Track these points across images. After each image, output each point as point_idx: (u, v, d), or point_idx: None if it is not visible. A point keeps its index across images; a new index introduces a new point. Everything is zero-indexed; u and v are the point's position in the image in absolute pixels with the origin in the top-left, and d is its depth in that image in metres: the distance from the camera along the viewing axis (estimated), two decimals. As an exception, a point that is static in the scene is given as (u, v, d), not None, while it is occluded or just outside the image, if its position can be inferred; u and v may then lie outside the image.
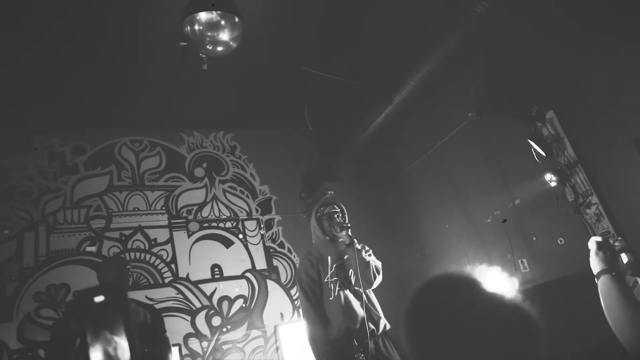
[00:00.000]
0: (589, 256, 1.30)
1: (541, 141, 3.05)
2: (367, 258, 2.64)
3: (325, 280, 2.65)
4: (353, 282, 2.66)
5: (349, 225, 2.70)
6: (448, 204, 4.25)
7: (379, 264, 2.71)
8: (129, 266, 3.10)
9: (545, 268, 3.25)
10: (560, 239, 3.12)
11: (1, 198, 4.09)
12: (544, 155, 3.05)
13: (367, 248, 2.78)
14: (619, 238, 1.38)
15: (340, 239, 2.73)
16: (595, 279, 1.23)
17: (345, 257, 2.70)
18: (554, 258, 3.15)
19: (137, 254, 4.37)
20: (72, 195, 4.36)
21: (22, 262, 3.93)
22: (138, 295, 4.19)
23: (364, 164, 5.24)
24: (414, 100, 4.27)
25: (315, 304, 2.66)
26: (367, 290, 2.67)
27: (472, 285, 0.42)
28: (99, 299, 0.58)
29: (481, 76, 3.67)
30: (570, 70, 3.08)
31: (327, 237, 2.75)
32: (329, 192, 4.98)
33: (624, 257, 1.31)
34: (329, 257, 2.72)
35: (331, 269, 2.68)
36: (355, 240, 2.68)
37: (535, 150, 3.06)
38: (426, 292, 0.44)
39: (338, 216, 2.76)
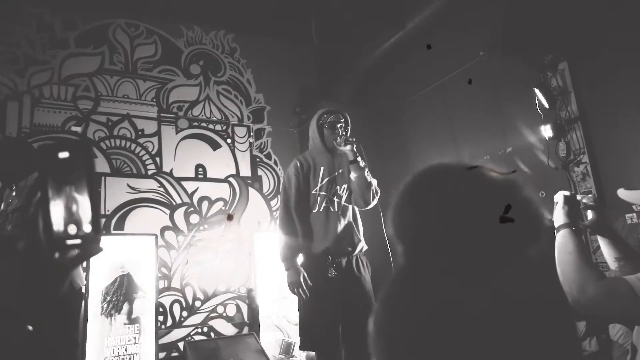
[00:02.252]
0: None
1: (547, 92, 2.97)
2: (369, 178, 2.49)
3: (314, 191, 2.57)
4: (344, 198, 2.55)
5: (354, 140, 2.49)
6: (441, 141, 4.22)
7: (375, 182, 2.56)
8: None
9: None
10: (542, 192, 3.16)
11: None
12: (547, 106, 2.98)
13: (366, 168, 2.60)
14: (589, 195, 1.37)
15: (340, 152, 2.56)
16: (555, 232, 1.22)
17: (340, 171, 2.56)
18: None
19: (123, 142, 4.33)
20: (60, 71, 4.19)
21: (5, 131, 3.87)
22: (120, 182, 4.22)
23: (363, 88, 5.10)
24: (427, 31, 4.06)
25: (293, 211, 2.59)
26: (355, 211, 2.59)
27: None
28: (64, 154, 0.54)
29: (499, 15, 3.47)
30: (592, 23, 2.93)
31: (325, 147, 2.58)
32: (324, 111, 4.89)
33: (589, 215, 1.31)
34: (322, 168, 2.59)
35: (322, 181, 2.57)
36: (359, 157, 2.48)
37: (539, 99, 2.99)
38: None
39: (341, 127, 2.56)
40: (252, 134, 5.09)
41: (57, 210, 0.53)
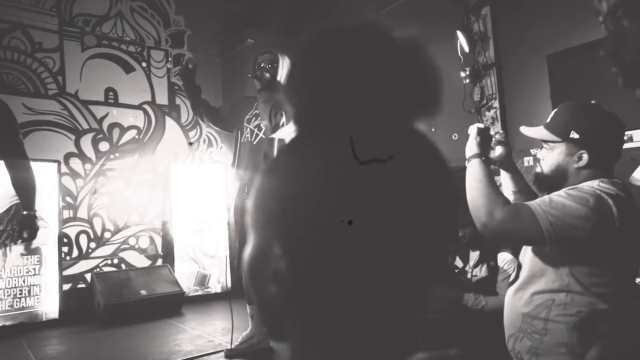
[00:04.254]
0: None
1: (469, 36, 3.02)
2: (269, 103, 2.57)
3: (245, 124, 2.73)
4: (262, 130, 2.67)
5: (254, 74, 2.63)
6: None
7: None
8: None
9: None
10: (455, 134, 3.30)
11: None
12: (467, 50, 3.05)
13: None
14: (501, 131, 1.44)
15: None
16: (466, 162, 1.28)
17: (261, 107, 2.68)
18: (446, 152, 3.36)
19: (15, 55, 3.81)
20: None
21: None
22: (14, 100, 3.76)
23: (296, 19, 4.88)
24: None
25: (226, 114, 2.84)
26: (275, 142, 2.66)
27: None
28: None
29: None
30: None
31: (258, 87, 2.70)
32: (249, 40, 4.65)
33: (498, 149, 1.38)
34: (255, 104, 2.74)
35: (250, 115, 2.73)
36: (260, 85, 2.61)
37: (461, 43, 3.04)
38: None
39: (262, 63, 2.67)
40: (170, 59, 4.73)
41: None
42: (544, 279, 1.18)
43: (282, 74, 2.72)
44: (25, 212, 2.14)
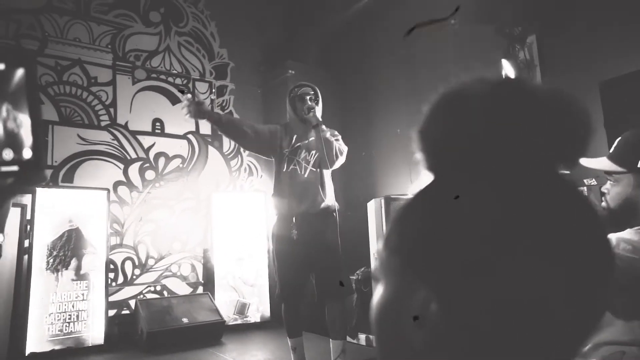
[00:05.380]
0: None
1: (515, 64, 2.99)
2: (331, 139, 2.67)
3: (285, 151, 2.75)
4: (311, 163, 2.71)
5: (313, 106, 2.72)
6: (405, 109, 4.21)
7: (344, 148, 2.75)
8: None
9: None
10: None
11: None
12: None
13: (335, 133, 2.81)
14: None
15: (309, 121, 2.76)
16: None
17: (311, 139, 2.74)
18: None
19: (73, 89, 4.04)
20: None
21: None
22: (70, 132, 3.97)
23: (331, 49, 4.97)
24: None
25: (254, 129, 2.81)
26: (323, 174, 2.71)
27: None
28: None
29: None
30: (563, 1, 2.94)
31: (297, 117, 2.77)
32: (290, 72, 4.76)
33: None
34: (295, 136, 2.78)
35: (293, 147, 2.75)
36: (321, 121, 2.69)
37: (506, 71, 3.00)
38: None
39: (310, 98, 2.76)
40: (214, 90, 4.89)
41: None
42: (612, 329, 1.10)
43: (321, 109, 2.81)
44: None
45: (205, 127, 4.75)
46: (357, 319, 3.63)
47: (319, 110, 2.74)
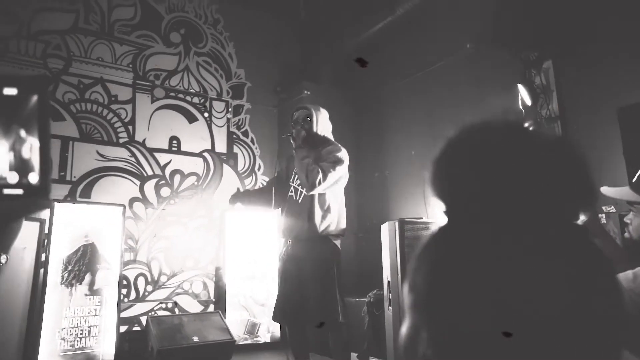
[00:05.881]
0: None
1: (531, 89, 2.99)
2: (305, 161, 2.59)
3: (290, 182, 2.81)
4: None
5: (291, 132, 2.71)
6: (419, 132, 4.22)
7: (334, 173, 2.61)
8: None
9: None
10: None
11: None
12: (529, 103, 3.00)
13: (336, 155, 2.68)
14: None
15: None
16: None
17: None
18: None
19: (94, 107, 4.14)
20: (29, 25, 3.95)
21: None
22: (89, 148, 4.05)
23: (346, 71, 5.03)
24: (416, 18, 4.02)
25: (269, 192, 2.88)
26: (316, 200, 2.66)
27: None
28: (10, 91, 0.46)
29: (490, 9, 3.46)
30: (581, 23, 2.94)
31: (294, 145, 2.76)
32: (305, 92, 4.82)
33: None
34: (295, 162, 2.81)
35: (294, 174, 2.79)
36: (295, 144, 2.66)
37: (522, 96, 3.01)
38: None
39: (303, 121, 2.75)
40: (230, 109, 4.96)
41: (1, 150, 0.45)
42: None
43: (317, 128, 2.75)
44: None
45: (221, 145, 4.81)
46: (369, 342, 3.58)
47: (303, 133, 2.69)
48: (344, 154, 2.71)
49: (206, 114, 4.79)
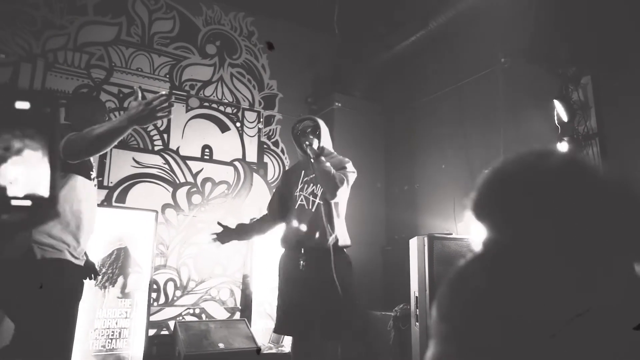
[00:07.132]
0: None
1: (568, 104, 2.92)
2: (328, 168, 2.53)
3: (295, 193, 2.76)
4: (318, 197, 2.68)
5: (310, 140, 2.62)
6: (451, 146, 4.17)
7: (349, 177, 2.63)
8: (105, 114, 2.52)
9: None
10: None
11: (1, 21, 3.87)
12: (566, 120, 2.93)
13: (346, 160, 2.70)
14: None
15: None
16: None
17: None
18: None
19: (132, 115, 4.28)
20: (76, 38, 4.15)
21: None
22: (126, 155, 4.19)
23: (379, 83, 5.04)
24: (450, 32, 4.00)
25: (277, 208, 2.88)
26: (333, 208, 2.65)
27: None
28: (22, 105, 0.48)
29: (527, 23, 3.41)
30: (621, 38, 2.86)
31: (303, 153, 2.73)
32: (337, 104, 4.85)
33: None
34: (303, 172, 2.78)
35: (301, 183, 2.75)
36: (319, 153, 2.58)
37: (558, 112, 2.94)
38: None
39: (311, 132, 2.71)
40: (261, 119, 5.04)
41: (7, 165, 0.46)
42: None
43: (324, 139, 2.76)
44: None
45: (252, 155, 4.88)
46: (394, 357, 3.53)
47: (317, 142, 2.66)
48: (352, 165, 2.74)
49: (238, 124, 4.88)
